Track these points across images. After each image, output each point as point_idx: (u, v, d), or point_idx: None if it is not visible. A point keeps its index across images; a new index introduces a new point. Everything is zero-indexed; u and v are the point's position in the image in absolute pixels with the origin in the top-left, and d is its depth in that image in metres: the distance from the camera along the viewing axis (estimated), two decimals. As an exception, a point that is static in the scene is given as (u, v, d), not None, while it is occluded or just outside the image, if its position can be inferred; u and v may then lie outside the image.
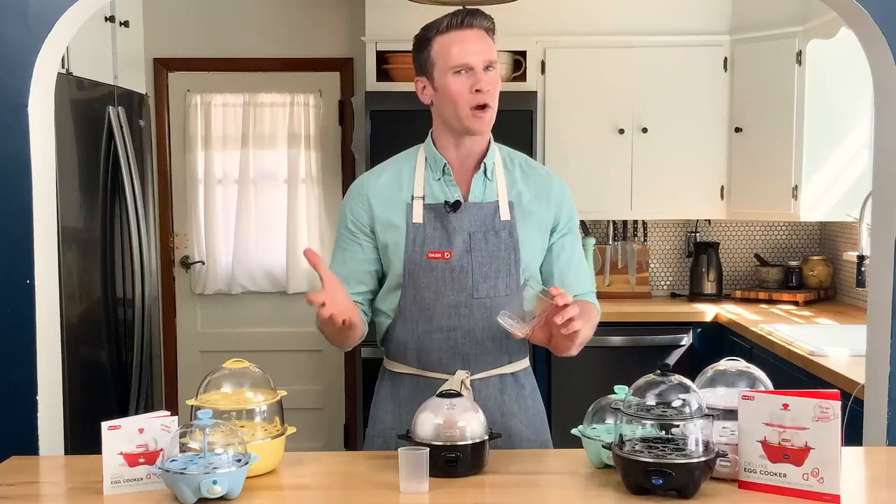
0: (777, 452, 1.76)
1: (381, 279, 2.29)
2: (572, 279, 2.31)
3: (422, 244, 2.20)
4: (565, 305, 1.97)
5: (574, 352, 2.15)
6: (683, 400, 1.77)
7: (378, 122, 4.49)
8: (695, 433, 1.75)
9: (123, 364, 3.80)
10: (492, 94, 2.17)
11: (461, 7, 2.22)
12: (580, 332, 2.03)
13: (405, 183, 2.25)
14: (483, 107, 2.16)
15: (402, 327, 2.26)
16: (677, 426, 1.76)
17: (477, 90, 2.14)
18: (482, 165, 2.24)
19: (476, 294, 2.21)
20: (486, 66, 2.16)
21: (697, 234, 5.05)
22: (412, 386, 2.26)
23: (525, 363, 2.35)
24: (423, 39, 2.21)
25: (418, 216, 2.21)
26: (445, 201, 2.22)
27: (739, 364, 1.97)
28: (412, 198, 2.23)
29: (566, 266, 2.30)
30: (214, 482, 1.71)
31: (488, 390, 2.24)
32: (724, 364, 1.98)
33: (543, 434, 2.35)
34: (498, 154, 2.29)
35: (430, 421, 1.90)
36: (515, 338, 2.07)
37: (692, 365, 4.25)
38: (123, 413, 3.59)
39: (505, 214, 2.23)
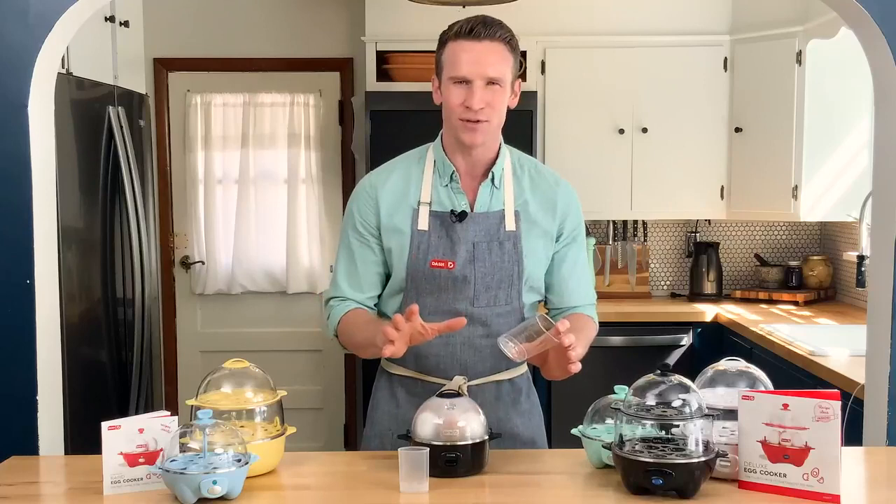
0: (777, 452, 1.76)
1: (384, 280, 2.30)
2: (573, 290, 2.30)
3: (426, 252, 2.19)
4: (569, 345, 1.93)
5: (562, 377, 2.11)
6: (683, 400, 1.77)
7: (378, 122, 4.49)
8: (695, 433, 1.75)
9: (123, 364, 3.80)
10: (486, 112, 2.11)
11: (480, 15, 2.17)
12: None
13: (412, 187, 2.23)
14: (476, 120, 2.12)
15: (402, 330, 2.25)
16: (677, 426, 1.76)
17: (467, 106, 2.11)
18: (490, 174, 2.22)
19: (476, 303, 2.21)
20: (489, 82, 2.11)
21: (697, 234, 5.05)
22: (410, 388, 2.27)
23: (523, 368, 2.35)
24: (441, 40, 2.18)
25: (423, 223, 2.20)
26: (452, 210, 2.21)
27: (739, 364, 1.97)
28: (419, 203, 2.21)
29: (567, 276, 2.29)
30: (214, 482, 1.71)
31: (485, 396, 2.23)
32: (724, 364, 1.97)
33: (540, 439, 2.34)
34: (508, 160, 2.26)
35: (430, 421, 1.90)
36: (511, 359, 2.03)
37: (692, 365, 4.25)
38: (123, 413, 3.59)
39: (510, 224, 2.21)
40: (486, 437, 1.91)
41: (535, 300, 2.31)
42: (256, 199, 5.19)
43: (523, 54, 4.64)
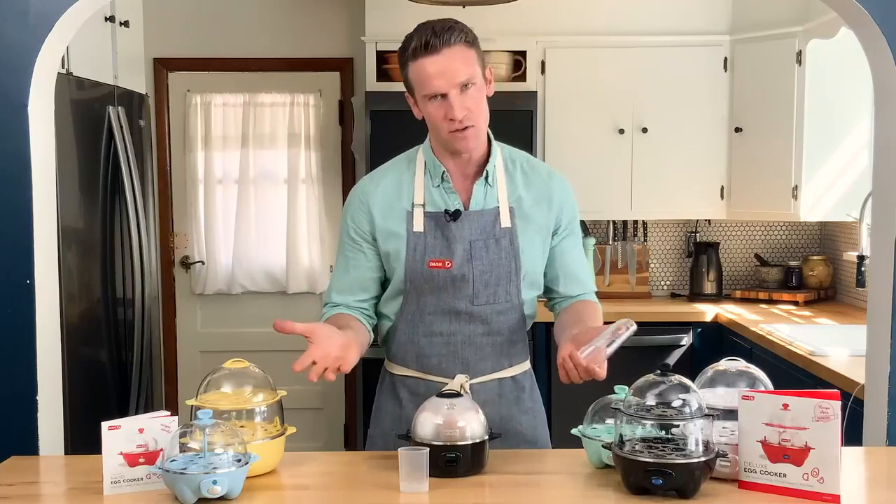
0: (777, 452, 1.76)
1: (384, 282, 2.29)
2: (577, 278, 2.32)
3: (423, 253, 2.19)
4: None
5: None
6: (683, 400, 1.77)
7: (378, 122, 4.49)
8: (695, 433, 1.75)
9: (123, 364, 3.80)
10: (469, 117, 2.10)
11: (429, 23, 2.12)
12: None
13: (405, 190, 2.23)
14: (463, 128, 2.11)
15: (403, 331, 2.26)
16: (677, 426, 1.76)
17: (451, 119, 2.10)
18: (483, 172, 2.22)
19: (476, 301, 2.21)
20: (464, 85, 2.09)
21: (697, 234, 5.05)
22: (412, 388, 2.27)
23: (525, 366, 2.35)
24: (401, 62, 2.16)
25: (419, 225, 2.20)
26: (445, 210, 2.21)
27: (739, 364, 1.97)
28: (412, 205, 2.21)
29: (570, 265, 2.31)
30: (214, 482, 1.71)
31: (487, 394, 2.24)
32: (724, 364, 1.98)
33: (543, 436, 2.34)
34: (499, 156, 2.26)
35: (430, 421, 1.90)
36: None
37: (692, 365, 4.25)
38: (123, 413, 3.59)
39: (505, 221, 2.21)
40: (486, 437, 1.91)
41: (535, 295, 2.32)
42: (256, 199, 5.19)
43: (523, 54, 4.66)
